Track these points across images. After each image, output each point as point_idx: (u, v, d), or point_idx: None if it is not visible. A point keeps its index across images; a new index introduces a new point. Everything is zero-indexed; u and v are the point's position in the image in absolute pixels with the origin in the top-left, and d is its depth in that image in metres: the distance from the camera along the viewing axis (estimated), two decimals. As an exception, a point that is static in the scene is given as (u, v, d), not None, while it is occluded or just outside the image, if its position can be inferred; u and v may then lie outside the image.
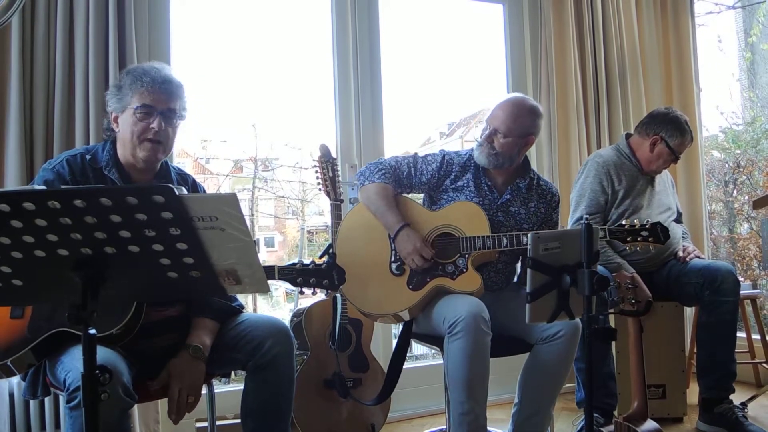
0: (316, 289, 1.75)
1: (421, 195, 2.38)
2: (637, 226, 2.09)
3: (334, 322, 2.46)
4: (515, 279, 2.39)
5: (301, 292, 1.79)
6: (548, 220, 2.33)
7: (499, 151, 2.20)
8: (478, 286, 2.09)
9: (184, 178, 1.97)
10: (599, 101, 3.46)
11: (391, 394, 2.34)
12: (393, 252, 2.20)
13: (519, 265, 2.37)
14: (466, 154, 2.31)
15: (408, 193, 2.30)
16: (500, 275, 2.29)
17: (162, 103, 1.75)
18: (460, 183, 2.26)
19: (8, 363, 1.58)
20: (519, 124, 2.18)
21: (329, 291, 1.80)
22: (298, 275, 1.73)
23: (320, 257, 1.77)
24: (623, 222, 2.13)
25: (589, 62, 3.43)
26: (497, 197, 2.26)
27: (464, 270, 2.12)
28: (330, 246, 1.79)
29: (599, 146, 3.38)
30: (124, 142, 1.79)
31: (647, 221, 2.10)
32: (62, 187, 1.69)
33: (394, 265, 2.19)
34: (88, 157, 1.80)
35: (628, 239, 2.09)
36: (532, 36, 3.45)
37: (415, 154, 2.34)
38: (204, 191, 2.07)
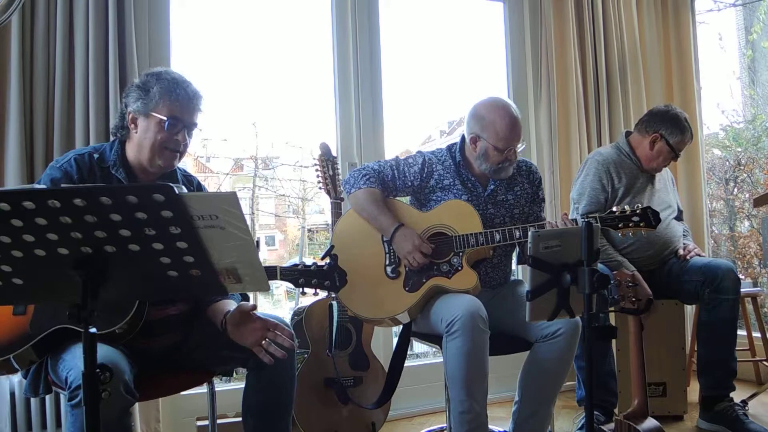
0: (317, 289, 1.77)
1: (407, 199, 2.38)
2: (627, 212, 2.08)
3: (330, 329, 2.45)
4: (514, 263, 2.40)
5: (303, 293, 1.80)
6: (536, 198, 2.35)
7: (516, 159, 2.23)
8: (474, 283, 2.09)
9: (190, 180, 1.98)
10: (599, 99, 3.45)
11: (391, 396, 2.34)
12: (387, 255, 2.20)
13: (515, 254, 2.38)
14: (441, 154, 2.31)
15: (394, 196, 2.30)
16: (497, 270, 2.30)
17: (189, 118, 1.81)
18: (446, 182, 2.26)
19: (11, 359, 1.58)
20: (521, 130, 2.21)
21: (330, 292, 1.81)
22: (299, 276, 1.75)
23: (322, 258, 1.78)
24: (614, 209, 2.12)
25: (589, 60, 3.43)
26: (482, 190, 2.27)
27: (459, 268, 2.12)
28: (332, 247, 1.79)
29: (600, 144, 3.38)
30: (141, 146, 1.80)
31: (637, 206, 2.08)
32: (62, 186, 1.70)
33: (389, 269, 2.19)
34: (96, 156, 1.81)
35: (620, 225, 2.07)
36: (533, 34, 3.45)
37: (397, 157, 2.35)
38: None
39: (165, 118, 1.76)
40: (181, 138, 1.79)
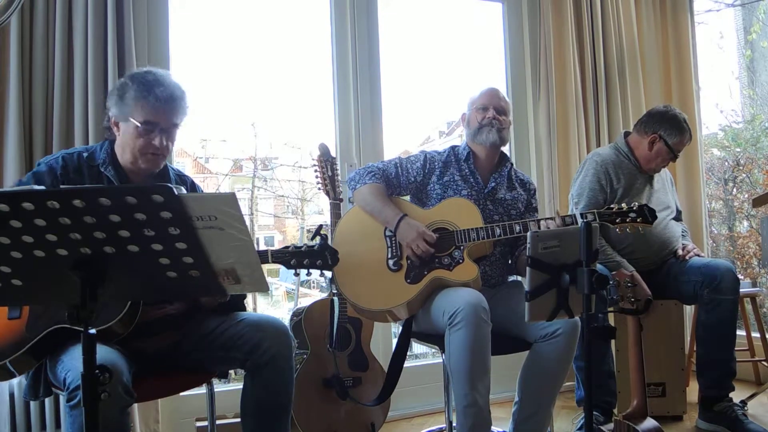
0: (311, 270, 1.77)
1: (407, 199, 2.41)
2: (624, 209, 2.13)
3: (331, 325, 2.46)
4: (510, 263, 2.41)
5: (296, 274, 1.80)
6: (530, 205, 2.43)
7: (504, 128, 2.33)
8: (475, 275, 2.11)
9: (183, 179, 1.98)
10: (598, 99, 3.46)
11: (391, 394, 2.34)
12: (389, 249, 2.21)
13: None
14: (445, 152, 2.39)
15: (398, 194, 2.34)
16: (495, 268, 2.31)
17: (165, 121, 1.77)
18: (446, 178, 2.31)
19: (7, 363, 1.58)
20: (507, 104, 2.38)
21: (323, 272, 1.82)
22: (291, 257, 1.75)
23: (311, 238, 1.80)
24: (612, 205, 2.17)
25: (588, 60, 3.43)
26: (483, 186, 2.32)
27: (460, 261, 2.15)
28: (320, 227, 1.81)
29: (598, 144, 3.39)
30: (124, 149, 1.81)
31: (634, 204, 2.13)
32: (61, 187, 1.70)
33: (391, 262, 2.20)
34: (85, 154, 1.82)
35: (617, 221, 2.12)
36: (531, 34, 3.46)
37: (399, 156, 2.40)
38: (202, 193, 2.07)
39: (139, 124, 1.75)
40: (158, 142, 1.76)
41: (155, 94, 1.74)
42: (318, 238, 1.77)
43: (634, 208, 2.11)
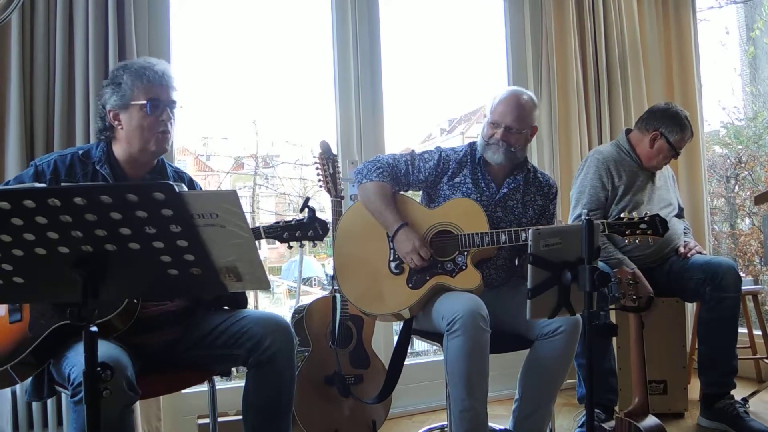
0: (303, 242, 1.84)
1: (419, 193, 2.38)
2: (635, 219, 2.08)
3: (333, 322, 2.46)
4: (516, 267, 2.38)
5: (290, 247, 1.87)
6: (545, 211, 2.34)
7: (516, 147, 2.22)
8: (477, 283, 2.09)
9: (181, 176, 1.98)
10: (600, 96, 3.45)
11: (392, 392, 2.34)
12: (392, 251, 2.19)
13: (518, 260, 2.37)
14: (462, 150, 2.31)
15: (405, 190, 2.30)
16: (500, 271, 2.29)
17: (167, 96, 1.81)
18: (457, 180, 2.26)
19: (9, 369, 1.58)
20: (527, 117, 2.22)
21: (316, 243, 1.87)
22: (283, 231, 1.83)
23: (300, 211, 1.86)
24: (622, 216, 2.12)
25: (590, 57, 3.43)
26: (495, 192, 2.26)
27: (463, 267, 2.12)
28: (308, 199, 1.86)
29: (600, 141, 3.38)
30: (131, 138, 1.80)
31: (645, 213, 2.09)
32: (62, 184, 1.70)
33: (393, 264, 2.18)
34: (80, 152, 1.83)
35: (627, 232, 2.08)
36: (533, 31, 3.45)
37: (412, 151, 2.34)
38: (201, 190, 2.07)
39: (145, 102, 1.77)
40: (165, 117, 1.80)
41: (153, 70, 1.79)
42: (306, 210, 1.81)
43: (645, 219, 2.06)
